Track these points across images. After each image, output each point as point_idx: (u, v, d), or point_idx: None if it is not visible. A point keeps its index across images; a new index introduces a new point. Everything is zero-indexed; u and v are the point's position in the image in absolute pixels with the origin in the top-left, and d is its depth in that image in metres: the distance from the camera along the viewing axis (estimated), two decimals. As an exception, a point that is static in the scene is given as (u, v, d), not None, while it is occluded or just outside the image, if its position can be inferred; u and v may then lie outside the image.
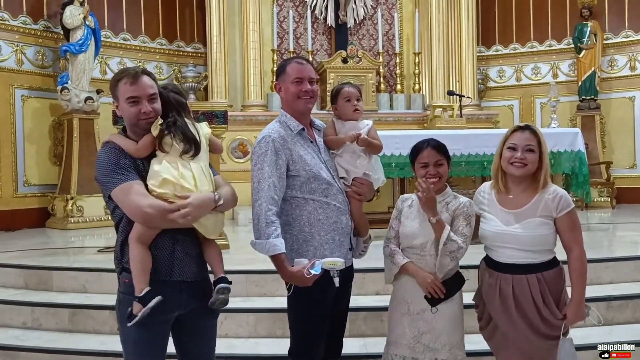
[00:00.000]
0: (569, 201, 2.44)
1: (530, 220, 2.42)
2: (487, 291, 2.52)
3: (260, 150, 2.42)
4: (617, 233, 6.21)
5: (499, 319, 2.49)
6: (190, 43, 9.81)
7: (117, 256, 2.22)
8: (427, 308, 2.51)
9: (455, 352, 2.52)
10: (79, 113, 7.74)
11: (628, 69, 9.64)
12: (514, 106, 10.40)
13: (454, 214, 2.52)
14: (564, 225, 2.43)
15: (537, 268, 2.43)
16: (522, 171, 2.44)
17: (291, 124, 2.53)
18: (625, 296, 3.88)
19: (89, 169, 7.76)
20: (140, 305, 2.06)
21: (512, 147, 2.46)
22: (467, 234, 2.50)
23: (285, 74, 2.54)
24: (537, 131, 2.48)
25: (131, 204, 2.10)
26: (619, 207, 8.68)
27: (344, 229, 2.52)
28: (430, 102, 9.26)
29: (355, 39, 9.74)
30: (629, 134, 9.54)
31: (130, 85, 2.17)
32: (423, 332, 2.51)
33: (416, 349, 2.52)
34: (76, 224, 7.39)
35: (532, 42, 10.32)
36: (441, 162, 2.54)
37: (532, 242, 2.41)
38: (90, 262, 4.86)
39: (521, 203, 2.46)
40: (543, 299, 2.41)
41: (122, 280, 2.20)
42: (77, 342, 3.73)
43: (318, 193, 2.45)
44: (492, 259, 2.53)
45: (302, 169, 2.44)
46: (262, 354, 3.48)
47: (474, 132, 6.39)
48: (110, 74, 8.91)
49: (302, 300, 2.45)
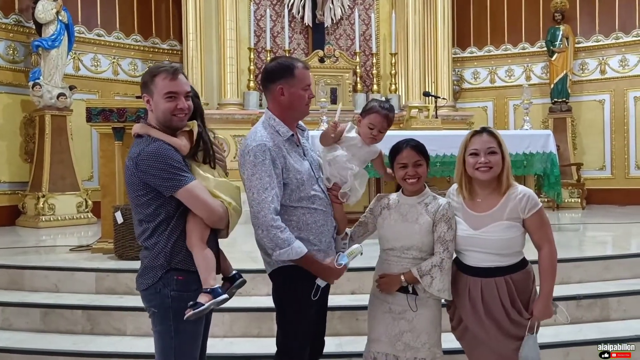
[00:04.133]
0: (535, 200, 2.44)
1: (498, 223, 2.42)
2: (457, 294, 2.53)
3: (257, 159, 2.33)
4: (587, 233, 6.35)
5: (468, 320, 2.51)
6: (166, 40, 9.71)
7: (166, 256, 2.20)
8: (408, 308, 2.53)
9: (434, 351, 2.55)
10: (51, 109, 7.60)
11: (598, 73, 9.87)
12: (488, 108, 10.55)
13: (435, 218, 2.52)
14: (533, 224, 2.43)
15: (506, 271, 2.43)
16: (488, 175, 2.43)
17: (280, 130, 2.46)
18: (594, 295, 3.97)
19: (61, 167, 7.65)
20: (210, 295, 2.18)
21: (474, 153, 2.45)
22: (448, 238, 2.49)
23: (294, 79, 2.44)
24: (494, 133, 2.48)
25: (206, 203, 2.21)
26: (589, 207, 8.87)
27: (330, 231, 2.54)
28: (407, 102, 9.34)
29: (332, 38, 9.77)
30: (599, 136, 9.76)
31: (170, 81, 2.22)
32: (404, 331, 2.53)
33: (397, 347, 2.54)
34: (47, 222, 7.28)
35: (506, 44, 10.48)
36: (420, 163, 2.53)
37: (499, 246, 2.42)
38: (62, 261, 4.78)
39: (489, 206, 2.46)
40: (511, 301, 2.41)
41: (173, 279, 2.21)
42: (49, 342, 3.67)
43: (306, 200, 2.44)
44: (462, 262, 2.54)
45: (293, 177, 2.41)
46: (238, 354, 3.48)
47: (449, 133, 6.46)
48: (83, 70, 8.80)
49: (292, 296, 2.46)
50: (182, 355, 2.26)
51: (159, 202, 2.19)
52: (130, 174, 2.21)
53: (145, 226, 2.23)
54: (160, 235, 2.21)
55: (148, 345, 3.38)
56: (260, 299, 3.82)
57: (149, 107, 2.28)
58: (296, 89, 2.45)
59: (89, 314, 3.85)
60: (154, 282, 2.21)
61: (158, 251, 2.21)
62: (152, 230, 2.22)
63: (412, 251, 2.54)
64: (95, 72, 8.96)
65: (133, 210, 2.30)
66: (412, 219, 2.54)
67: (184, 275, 2.22)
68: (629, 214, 7.94)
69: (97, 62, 8.98)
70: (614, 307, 3.95)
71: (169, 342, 2.24)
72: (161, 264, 2.21)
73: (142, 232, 2.25)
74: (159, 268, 2.21)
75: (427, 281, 2.47)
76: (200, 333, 2.35)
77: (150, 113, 2.29)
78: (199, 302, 2.16)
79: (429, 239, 2.52)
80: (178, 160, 2.19)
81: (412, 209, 2.57)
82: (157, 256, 2.21)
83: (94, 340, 3.70)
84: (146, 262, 2.25)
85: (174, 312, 2.20)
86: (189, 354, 2.28)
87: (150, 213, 2.21)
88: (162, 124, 2.26)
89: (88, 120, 4.95)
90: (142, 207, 2.22)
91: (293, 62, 2.50)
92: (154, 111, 2.26)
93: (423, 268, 2.48)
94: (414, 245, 2.53)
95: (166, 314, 2.22)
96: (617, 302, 3.96)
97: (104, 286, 4.21)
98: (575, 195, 9.01)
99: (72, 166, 7.79)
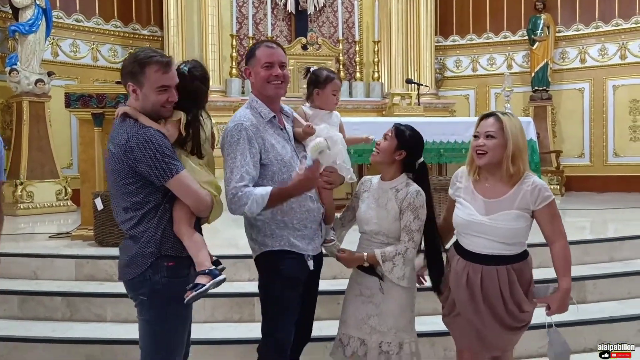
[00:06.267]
0: (548, 192, 2.36)
1: (507, 212, 2.34)
2: (454, 278, 2.45)
3: (233, 139, 2.34)
4: (565, 219, 6.36)
5: (463, 307, 2.43)
6: (147, 26, 9.58)
7: (157, 243, 2.18)
8: (377, 292, 2.53)
9: (402, 336, 2.53)
10: (29, 96, 7.46)
11: (578, 62, 9.97)
12: (469, 96, 10.61)
13: (402, 206, 2.48)
14: (545, 217, 2.36)
15: (508, 260, 2.37)
16: (482, 160, 2.36)
17: (262, 111, 2.46)
18: (572, 278, 4.02)
19: (40, 154, 7.53)
20: (208, 276, 2.16)
21: (475, 136, 2.42)
22: (414, 228, 2.47)
23: (255, 58, 2.47)
24: (501, 118, 2.37)
25: (196, 193, 2.20)
26: (568, 194, 8.99)
27: (316, 217, 2.52)
28: (389, 90, 9.34)
29: (315, 26, 9.71)
30: (578, 124, 9.88)
31: (163, 74, 2.17)
32: (371, 314, 2.53)
33: (363, 330, 2.55)
34: (26, 210, 7.18)
35: (488, 33, 10.53)
36: (386, 138, 2.53)
37: (507, 235, 2.34)
38: (41, 248, 4.72)
39: (499, 192, 2.38)
40: (511, 291, 2.36)
41: (164, 265, 2.19)
42: (27, 329, 3.63)
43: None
44: (462, 246, 2.46)
45: (274, 158, 2.40)
46: (219, 338, 3.48)
47: (431, 120, 6.50)
48: (62, 56, 8.65)
49: (277, 281, 2.45)
50: (173, 340, 2.26)
51: (147, 190, 2.16)
52: (117, 160, 2.15)
53: (132, 214, 2.19)
54: (149, 223, 2.18)
55: (128, 331, 3.39)
56: (241, 284, 3.82)
57: (135, 97, 2.20)
58: (257, 68, 2.47)
59: (69, 301, 3.82)
60: (143, 271, 2.18)
61: (148, 239, 2.17)
62: (139, 218, 2.18)
63: (380, 236, 2.54)
64: (74, 58, 8.82)
65: (117, 198, 2.24)
66: (382, 204, 2.54)
67: (175, 262, 2.21)
68: (606, 201, 8.08)
69: (76, 48, 8.84)
70: (590, 290, 4.02)
71: (159, 328, 2.22)
72: (152, 252, 2.18)
73: (128, 220, 2.20)
74: (149, 256, 2.18)
75: (388, 267, 2.47)
76: (190, 317, 2.36)
77: (133, 100, 2.22)
78: (199, 284, 2.14)
79: (395, 226, 2.50)
80: (169, 148, 2.16)
81: (384, 194, 2.56)
82: (146, 244, 2.18)
83: (73, 327, 3.68)
84: (134, 251, 2.19)
85: (166, 299, 2.19)
86: (179, 338, 2.28)
87: (138, 201, 2.17)
88: (147, 113, 2.21)
89: (67, 105, 4.87)
90: (130, 195, 2.17)
91: (261, 42, 2.55)
92: (142, 101, 2.19)
93: (387, 253, 2.48)
94: (381, 231, 2.53)
95: (156, 300, 2.20)
96: (593, 284, 4.04)
97: (84, 273, 4.18)
98: (555, 182, 9.12)
99: (51, 153, 7.68)
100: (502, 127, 2.35)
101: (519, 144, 2.36)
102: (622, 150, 9.61)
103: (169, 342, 2.25)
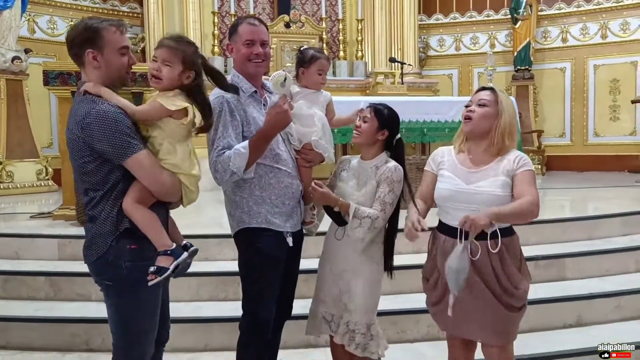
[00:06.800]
0: (529, 162, 2.38)
1: (493, 179, 2.32)
2: (444, 259, 2.29)
3: (214, 111, 2.31)
4: (545, 198, 6.53)
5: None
6: (126, 2, 9.40)
7: (113, 221, 2.07)
8: (347, 269, 2.54)
9: (370, 317, 2.54)
10: (5, 73, 7.31)
11: (560, 41, 10.03)
12: (453, 75, 10.63)
13: (379, 180, 2.49)
14: (522, 178, 2.31)
15: (495, 234, 2.23)
16: (468, 126, 2.37)
17: (243, 86, 2.47)
18: (551, 256, 4.11)
19: (19, 133, 7.41)
20: (170, 257, 2.07)
21: (467, 105, 2.42)
22: (388, 201, 2.46)
23: (236, 35, 2.48)
24: (497, 91, 2.39)
25: (154, 175, 2.07)
26: (548, 173, 9.11)
27: (295, 194, 2.52)
28: (373, 69, 9.31)
29: (298, 3, 9.62)
30: (559, 104, 9.98)
31: (122, 35, 2.11)
32: (343, 291, 2.55)
33: (339, 307, 2.57)
34: (6, 190, 7.08)
35: (471, 11, 10.52)
36: (365, 120, 2.53)
37: (493, 202, 2.25)
38: (23, 228, 4.67)
39: (480, 163, 2.38)
40: (502, 267, 2.30)
41: (126, 249, 2.08)
42: (10, 309, 3.61)
43: (269, 158, 2.44)
44: (447, 225, 2.40)
45: (255, 130, 2.40)
46: (204, 317, 3.49)
47: (414, 99, 6.51)
48: (39, 33, 8.46)
49: (255, 258, 2.46)
50: (143, 325, 2.18)
51: (107, 169, 2.05)
52: (74, 138, 2.03)
53: (92, 195, 2.09)
54: (107, 202, 2.07)
55: (113, 310, 3.38)
56: (226, 263, 3.83)
57: (96, 64, 2.07)
58: (238, 45, 2.48)
59: (52, 281, 3.80)
60: (104, 252, 2.08)
61: (104, 217, 2.07)
62: (99, 198, 2.08)
63: None
64: (52, 35, 8.64)
65: (78, 180, 2.14)
66: (362, 183, 2.55)
67: (138, 244, 2.08)
68: (587, 179, 8.21)
69: (54, 25, 8.66)
70: (569, 267, 4.10)
71: (127, 314, 2.15)
72: (109, 230, 2.07)
73: (89, 202, 2.11)
74: (108, 235, 2.07)
75: (355, 223, 2.44)
76: (160, 300, 2.25)
77: (93, 70, 2.08)
78: (162, 267, 2.05)
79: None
80: (128, 125, 2.03)
81: (364, 172, 2.56)
82: (103, 223, 2.08)
83: (57, 306, 3.66)
84: (93, 232, 2.10)
85: (132, 284, 2.09)
86: (148, 322, 2.20)
87: (97, 181, 2.06)
88: (115, 79, 2.12)
89: (45, 83, 4.77)
90: (88, 175, 2.06)
91: (243, 18, 2.55)
92: (105, 68, 2.08)
93: (359, 212, 2.44)
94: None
95: (122, 286, 2.11)
96: (573, 262, 4.12)
97: (67, 252, 4.14)
98: (536, 162, 9.21)
99: (30, 132, 7.55)
100: (497, 100, 2.36)
101: (512, 121, 2.39)
102: (602, 130, 9.74)
103: (139, 328, 2.18)
